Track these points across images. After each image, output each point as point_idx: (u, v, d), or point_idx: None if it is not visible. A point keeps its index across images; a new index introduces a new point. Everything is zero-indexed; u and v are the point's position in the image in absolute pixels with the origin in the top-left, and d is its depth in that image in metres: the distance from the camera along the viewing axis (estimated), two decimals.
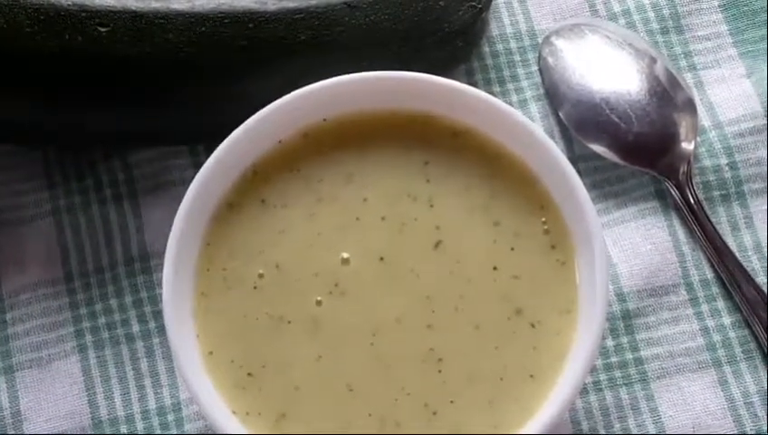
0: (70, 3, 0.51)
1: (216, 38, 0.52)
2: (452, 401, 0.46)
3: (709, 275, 0.54)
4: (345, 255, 0.48)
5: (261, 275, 0.48)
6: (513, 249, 0.48)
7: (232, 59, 0.52)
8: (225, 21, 0.52)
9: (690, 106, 0.55)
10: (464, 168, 0.49)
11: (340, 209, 0.49)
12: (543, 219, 0.48)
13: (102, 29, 0.51)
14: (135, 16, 0.51)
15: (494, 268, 0.48)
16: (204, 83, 0.52)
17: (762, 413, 0.51)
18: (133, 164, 0.56)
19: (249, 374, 0.47)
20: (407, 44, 0.53)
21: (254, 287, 0.48)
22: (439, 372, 0.46)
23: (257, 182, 0.49)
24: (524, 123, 0.48)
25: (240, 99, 0.52)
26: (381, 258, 0.48)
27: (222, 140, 0.49)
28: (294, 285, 0.48)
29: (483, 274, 0.47)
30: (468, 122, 0.49)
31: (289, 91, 0.49)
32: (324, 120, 0.50)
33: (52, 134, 0.54)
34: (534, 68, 0.57)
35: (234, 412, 0.46)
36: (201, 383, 0.46)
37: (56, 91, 0.52)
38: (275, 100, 0.49)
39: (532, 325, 0.47)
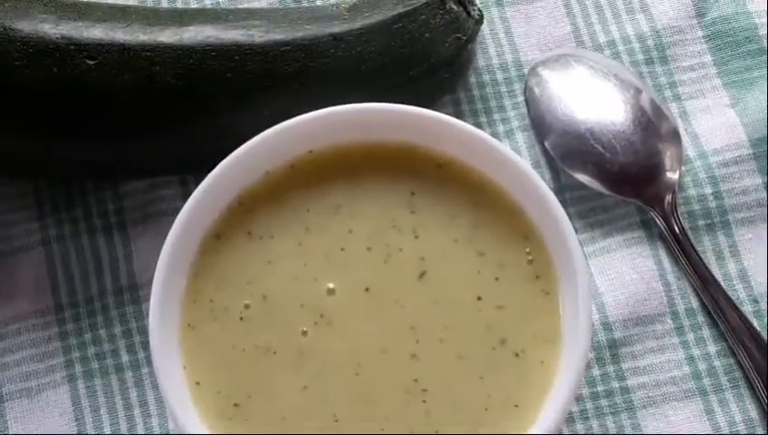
0: (58, 36, 0.52)
1: (204, 70, 0.52)
2: (436, 432, 0.46)
3: (695, 304, 0.54)
4: (331, 285, 0.48)
5: (247, 306, 0.48)
6: (497, 279, 0.48)
7: (219, 91, 0.52)
8: (212, 53, 0.52)
9: (675, 136, 0.56)
10: (449, 198, 0.49)
11: (326, 240, 0.49)
12: (528, 250, 0.49)
13: (90, 61, 0.52)
14: (123, 49, 0.52)
15: (479, 298, 0.48)
16: (191, 115, 0.53)
17: None
18: (123, 194, 0.57)
19: (236, 405, 0.47)
20: (393, 76, 0.54)
21: (241, 318, 0.48)
22: (424, 402, 0.47)
23: (244, 213, 0.50)
24: (508, 155, 0.48)
25: (228, 130, 0.53)
26: (367, 289, 0.48)
27: (210, 171, 0.49)
28: (280, 315, 0.48)
29: (467, 304, 0.48)
30: (453, 153, 0.50)
31: (276, 123, 0.50)
32: (311, 151, 0.50)
33: (42, 165, 0.55)
34: (520, 99, 0.58)
35: None
36: (188, 414, 0.46)
37: (45, 123, 0.52)
38: (262, 131, 0.50)
39: (517, 355, 0.47)
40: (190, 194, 0.55)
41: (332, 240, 0.49)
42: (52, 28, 0.52)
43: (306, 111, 0.50)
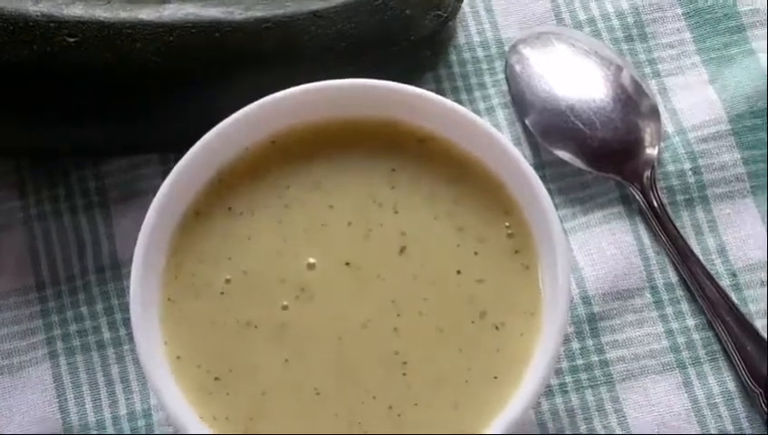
0: (38, 13, 0.52)
1: (184, 47, 0.52)
2: (416, 404, 0.47)
3: (673, 278, 0.54)
4: (311, 260, 0.49)
5: (228, 281, 0.48)
6: (476, 253, 0.48)
7: (199, 68, 0.52)
8: (193, 30, 0.52)
9: (654, 113, 0.56)
10: (429, 174, 0.50)
11: (306, 216, 0.49)
12: (507, 224, 0.49)
13: (71, 39, 0.52)
14: (103, 26, 0.52)
15: (458, 272, 0.48)
16: (172, 93, 0.53)
17: (725, 414, 0.52)
18: (105, 173, 0.57)
19: (216, 379, 0.47)
20: (373, 53, 0.54)
21: (222, 293, 0.48)
22: (404, 375, 0.47)
23: (223, 189, 0.50)
24: (488, 130, 0.49)
25: (209, 107, 0.53)
26: (347, 263, 0.48)
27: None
28: (261, 290, 0.48)
29: (447, 278, 0.48)
30: (434, 129, 0.50)
31: (257, 100, 0.50)
32: (291, 127, 0.50)
33: (23, 144, 0.55)
34: (501, 76, 0.58)
35: (201, 417, 0.47)
36: (168, 389, 0.46)
37: (25, 101, 0.52)
38: (244, 107, 0.50)
39: (496, 328, 0.47)
40: (171, 171, 0.56)
41: (313, 216, 0.49)
42: (32, 5, 0.52)
43: (287, 88, 0.50)
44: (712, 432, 0.52)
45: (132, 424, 0.53)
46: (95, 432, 0.53)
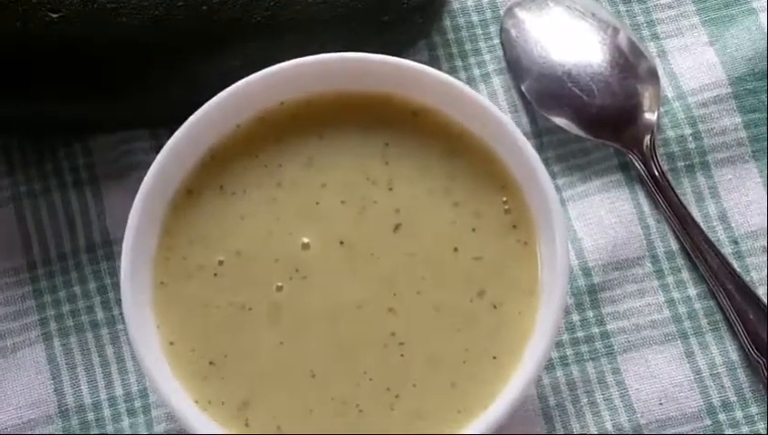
0: None
1: (170, 21, 0.51)
2: (414, 385, 0.46)
3: (674, 246, 0.53)
4: (305, 240, 0.48)
5: (221, 263, 0.48)
6: (473, 230, 0.47)
7: (187, 42, 0.51)
8: (179, 4, 0.51)
9: (653, 76, 0.55)
10: (423, 148, 0.49)
11: (299, 194, 0.48)
12: (504, 199, 0.48)
13: (53, 15, 0.50)
14: (86, 1, 0.50)
15: (455, 250, 0.47)
16: (159, 67, 0.52)
17: (728, 384, 0.51)
18: (94, 148, 0.56)
19: (211, 363, 0.47)
20: (365, 22, 0.53)
21: (215, 275, 0.47)
22: (401, 355, 0.46)
23: (215, 168, 0.49)
24: (484, 104, 0.48)
25: (198, 82, 0.52)
26: (341, 242, 0.47)
27: (180, 124, 0.48)
28: (255, 271, 0.47)
29: (443, 256, 0.47)
30: (427, 102, 0.49)
31: (247, 74, 0.49)
32: (282, 103, 0.49)
33: (9, 122, 0.54)
34: (496, 41, 0.57)
35: (196, 401, 0.46)
36: (162, 374, 0.46)
37: (9, 79, 0.51)
38: (233, 82, 0.49)
39: (494, 307, 0.47)
40: (162, 146, 0.55)
41: (306, 194, 0.48)
42: None
43: (277, 61, 0.49)
44: (714, 402, 0.51)
45: (128, 405, 0.52)
46: (91, 414, 0.52)
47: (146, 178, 0.47)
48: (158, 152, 0.54)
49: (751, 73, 0.55)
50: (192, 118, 0.48)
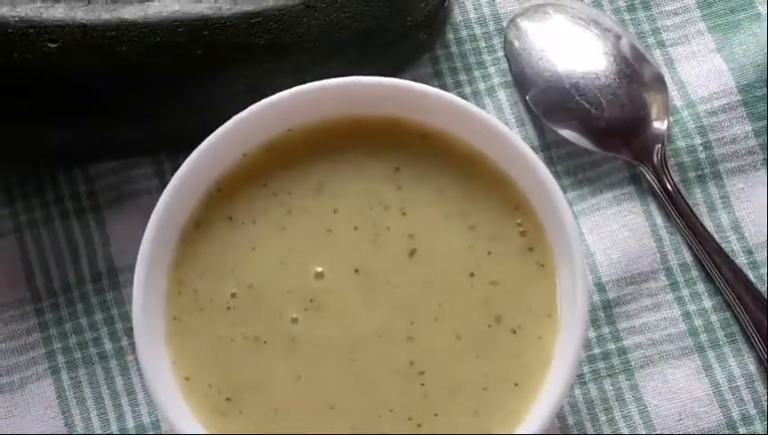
0: (16, 19, 0.49)
1: (171, 47, 0.50)
2: (436, 415, 0.45)
3: (688, 258, 0.53)
4: (319, 269, 0.47)
5: (234, 295, 0.47)
6: (489, 254, 0.47)
7: (189, 68, 0.50)
8: (180, 29, 0.50)
9: (660, 84, 0.54)
10: (435, 171, 0.48)
11: (310, 222, 0.47)
12: (519, 221, 0.47)
13: (52, 45, 0.49)
14: (85, 30, 0.49)
15: (472, 274, 0.46)
16: (161, 94, 0.51)
17: (747, 397, 0.51)
18: (95, 175, 0.55)
19: (228, 399, 0.46)
20: (369, 43, 0.52)
21: (228, 308, 0.47)
22: (422, 385, 0.46)
23: (223, 198, 0.48)
24: (494, 124, 0.47)
25: (201, 107, 0.51)
26: (356, 270, 0.47)
27: (184, 150, 0.48)
28: (269, 303, 0.46)
29: (460, 281, 0.46)
30: (437, 125, 0.48)
31: (251, 98, 0.48)
32: (289, 130, 0.48)
33: (9, 153, 0.53)
34: (500, 54, 0.56)
35: None
36: (180, 412, 0.45)
37: (9, 109, 0.50)
38: (237, 107, 0.48)
39: (514, 331, 0.46)
40: (164, 172, 0.54)
41: (317, 222, 0.47)
42: (8, 11, 0.49)
43: (282, 84, 0.48)
44: (734, 416, 0.51)
45: None
46: None
47: (154, 213, 0.46)
48: (160, 177, 0.54)
49: (760, 80, 0.54)
50: (197, 150, 0.47)
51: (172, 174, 0.47)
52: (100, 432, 0.52)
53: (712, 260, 0.52)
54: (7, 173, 0.55)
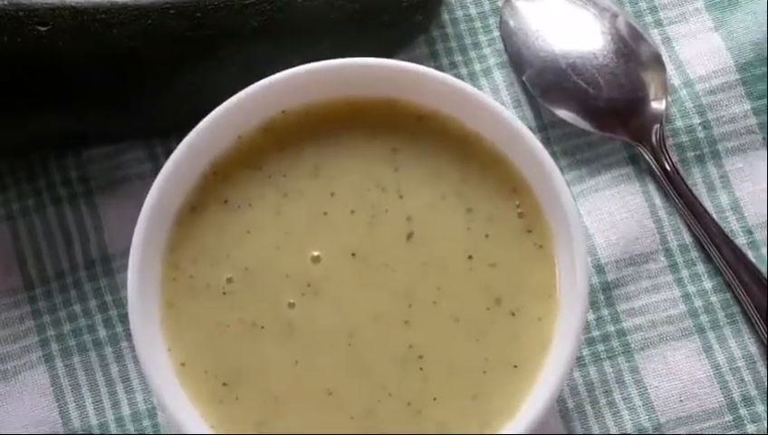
0: (6, 2, 0.49)
1: (163, 30, 0.49)
2: (435, 399, 0.45)
3: (687, 239, 0.52)
4: (315, 253, 0.46)
5: (229, 280, 0.46)
6: (487, 236, 0.46)
7: (181, 51, 0.50)
8: (171, 12, 0.49)
9: (658, 62, 0.54)
10: (432, 152, 0.47)
11: (306, 205, 0.47)
12: (517, 202, 0.47)
13: (42, 28, 0.49)
14: (76, 13, 0.49)
15: (470, 257, 0.46)
16: (154, 78, 0.50)
17: (748, 378, 0.51)
18: (87, 161, 0.54)
19: (224, 384, 0.45)
20: (363, 23, 0.51)
21: (224, 293, 0.46)
22: (420, 369, 0.45)
23: (218, 182, 0.47)
24: (490, 105, 0.46)
25: (194, 91, 0.50)
26: (353, 254, 0.46)
27: (177, 134, 0.47)
28: (265, 288, 0.46)
29: (458, 264, 0.46)
30: (434, 106, 0.47)
31: (243, 80, 0.47)
32: (284, 112, 0.48)
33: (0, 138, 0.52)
34: (496, 34, 0.55)
35: (212, 426, 0.45)
36: (176, 398, 0.44)
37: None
38: (230, 90, 0.47)
39: (513, 314, 0.46)
40: (157, 156, 0.53)
41: (313, 205, 0.47)
42: None
43: (276, 66, 0.47)
44: (735, 398, 0.50)
45: (137, 425, 0.51)
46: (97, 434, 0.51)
47: (148, 198, 0.46)
48: (153, 162, 0.53)
49: (758, 58, 0.54)
50: (192, 133, 0.46)
51: (165, 158, 0.47)
52: (95, 420, 0.51)
53: (711, 241, 0.52)
54: None
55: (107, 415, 0.51)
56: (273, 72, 0.47)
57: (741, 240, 0.52)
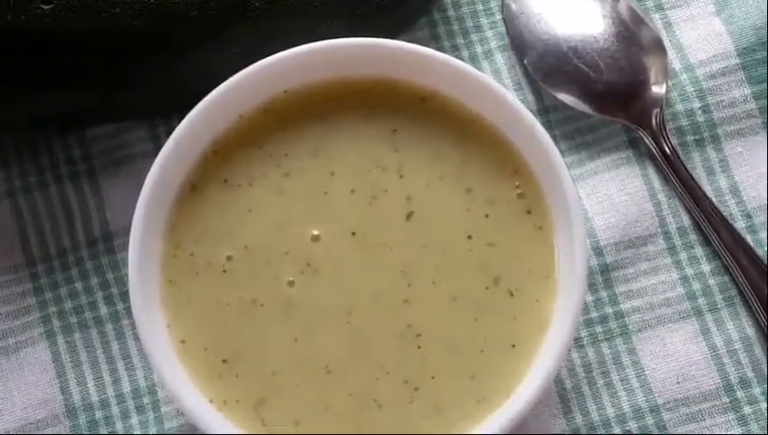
0: None
1: (166, 9, 0.49)
2: (433, 377, 0.45)
3: (686, 222, 0.53)
4: (315, 232, 0.47)
5: (230, 258, 0.46)
6: (487, 216, 0.47)
7: (183, 30, 0.50)
8: None
9: (659, 46, 0.54)
10: (433, 133, 0.47)
11: (307, 184, 0.47)
12: (517, 183, 0.47)
13: (46, 6, 0.49)
14: None
15: (469, 237, 0.46)
16: (155, 57, 0.50)
17: (745, 360, 0.51)
18: (90, 139, 0.54)
19: (224, 361, 0.46)
20: (366, 5, 0.51)
21: (224, 271, 0.46)
22: (418, 347, 0.45)
23: (219, 161, 0.47)
24: (492, 86, 0.46)
25: (196, 70, 0.51)
26: (353, 233, 0.46)
27: (179, 113, 0.47)
28: (265, 266, 0.46)
29: (458, 243, 0.46)
30: (436, 87, 0.48)
31: (246, 61, 0.47)
32: (285, 91, 0.48)
33: (2, 116, 0.52)
34: (498, 17, 0.56)
35: (211, 401, 0.45)
36: (175, 375, 0.45)
37: (2, 72, 0.50)
38: (232, 69, 0.47)
39: (511, 294, 0.46)
40: (159, 135, 0.53)
41: (314, 184, 0.47)
42: None
43: (277, 47, 0.48)
44: (732, 380, 0.50)
45: (137, 402, 0.51)
46: (99, 412, 0.51)
47: (149, 176, 0.46)
48: (155, 141, 0.53)
49: (759, 43, 0.54)
50: (194, 111, 0.47)
51: (167, 137, 0.47)
52: (96, 396, 0.51)
53: (710, 224, 0.52)
54: (2, 137, 0.55)
55: (107, 392, 0.52)
56: (274, 53, 0.47)
57: (739, 224, 0.52)
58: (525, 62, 0.54)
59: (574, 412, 0.50)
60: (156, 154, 0.47)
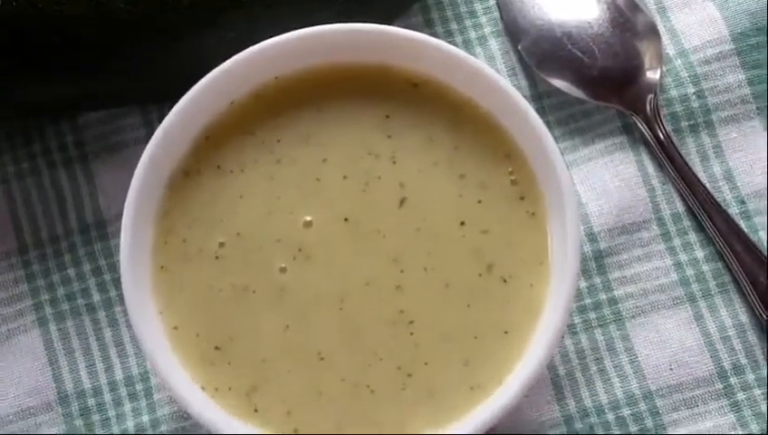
0: None
1: None
2: (426, 363, 0.45)
3: (680, 208, 0.52)
4: (307, 218, 0.46)
5: (222, 245, 0.46)
6: (480, 202, 0.46)
7: (175, 16, 0.49)
8: None
9: (653, 32, 0.54)
10: (426, 119, 0.47)
11: (299, 171, 0.47)
12: (510, 169, 0.47)
13: None
14: None
15: (462, 223, 0.46)
16: (148, 44, 0.50)
17: (738, 346, 0.51)
18: (82, 126, 0.54)
19: (216, 348, 0.45)
20: None
21: (216, 257, 0.46)
22: (411, 334, 0.45)
23: (211, 147, 0.47)
24: (485, 71, 0.46)
25: (188, 56, 0.50)
26: (345, 219, 0.46)
27: (172, 100, 0.47)
28: (257, 252, 0.46)
29: (450, 230, 0.46)
30: (428, 72, 0.47)
31: (238, 47, 0.47)
32: (277, 78, 0.48)
33: None
34: (492, 2, 0.55)
35: (203, 388, 0.45)
36: (167, 361, 0.45)
37: None
38: (224, 56, 0.47)
39: (504, 280, 0.46)
40: (151, 121, 0.53)
41: (306, 170, 0.47)
42: None
43: (272, 33, 0.47)
44: (725, 366, 0.50)
45: (130, 389, 0.51)
46: (92, 399, 0.51)
47: (141, 162, 0.46)
48: (148, 127, 0.53)
49: (753, 28, 0.54)
50: (185, 98, 0.46)
51: (160, 123, 0.47)
52: (88, 384, 0.51)
53: (704, 210, 0.52)
54: None
55: (100, 379, 0.52)
56: (266, 39, 0.47)
57: (733, 210, 0.52)
58: (519, 47, 0.54)
59: (567, 399, 0.50)
60: (148, 140, 0.47)
